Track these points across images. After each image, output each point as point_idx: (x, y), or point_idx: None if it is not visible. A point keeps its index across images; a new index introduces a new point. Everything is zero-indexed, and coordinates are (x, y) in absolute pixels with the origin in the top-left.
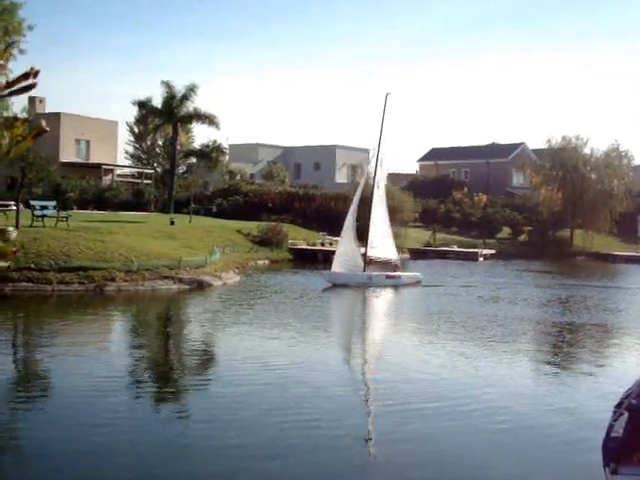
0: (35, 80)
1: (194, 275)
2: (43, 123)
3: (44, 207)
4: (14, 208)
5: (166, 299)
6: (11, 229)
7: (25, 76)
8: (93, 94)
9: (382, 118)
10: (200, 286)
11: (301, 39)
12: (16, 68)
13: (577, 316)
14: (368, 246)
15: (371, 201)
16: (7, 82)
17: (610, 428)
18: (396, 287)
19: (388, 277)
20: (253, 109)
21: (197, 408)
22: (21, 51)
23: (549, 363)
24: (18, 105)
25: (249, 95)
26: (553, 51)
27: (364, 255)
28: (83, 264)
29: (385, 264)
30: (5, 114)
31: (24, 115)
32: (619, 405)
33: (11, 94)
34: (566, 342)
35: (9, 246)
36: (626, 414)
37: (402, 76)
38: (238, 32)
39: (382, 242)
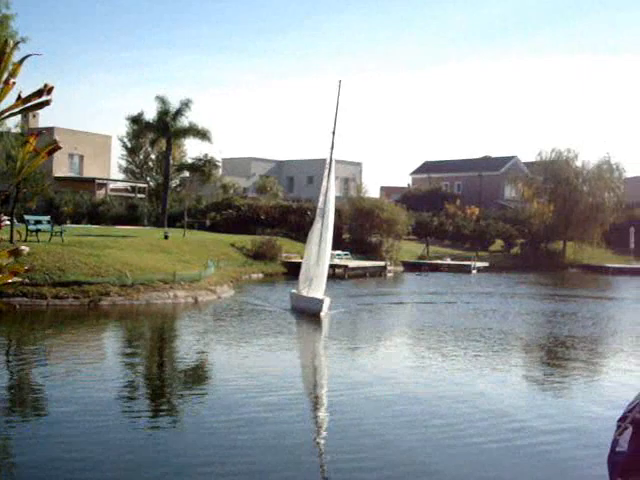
0: (49, 97)
1: (189, 289)
2: (57, 139)
3: (38, 222)
4: (8, 223)
5: (161, 314)
6: (24, 248)
7: (39, 93)
8: (86, 108)
9: (336, 107)
10: (195, 300)
11: (294, 51)
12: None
13: (571, 328)
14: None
15: (315, 214)
16: (21, 98)
17: (614, 443)
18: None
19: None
20: (246, 123)
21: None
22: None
23: (541, 375)
24: (11, 119)
25: (243, 108)
26: (545, 64)
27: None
28: (78, 279)
29: None
30: None
31: (17, 129)
32: (623, 419)
33: (24, 110)
34: (560, 354)
35: (22, 264)
36: (630, 428)
37: (396, 90)
38: (232, 44)
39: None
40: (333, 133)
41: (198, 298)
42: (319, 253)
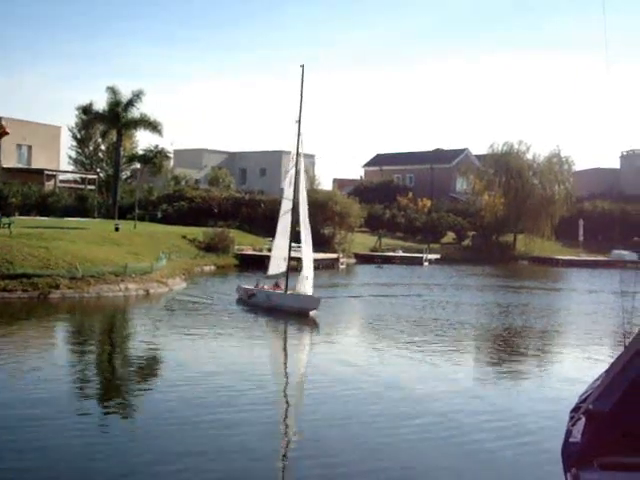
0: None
1: (140, 282)
2: (4, 123)
3: None
4: None
5: (111, 306)
6: None
7: None
8: (40, 100)
9: (300, 93)
10: (146, 293)
11: (247, 44)
12: None
13: (520, 319)
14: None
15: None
16: None
17: (568, 434)
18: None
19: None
20: (198, 114)
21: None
22: None
23: (493, 365)
24: None
25: (195, 100)
26: (496, 57)
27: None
28: (27, 271)
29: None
30: None
31: None
32: (576, 409)
33: None
34: (512, 344)
35: None
36: (583, 419)
37: (349, 82)
38: (186, 37)
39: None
40: (298, 121)
41: (150, 290)
42: (303, 248)
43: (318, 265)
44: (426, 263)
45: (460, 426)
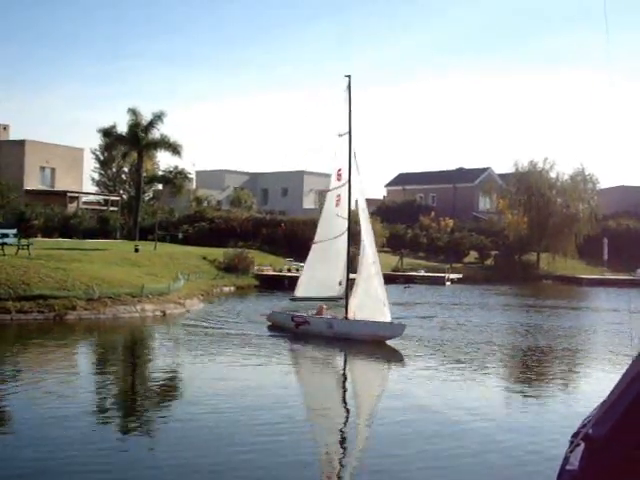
0: None
1: (157, 303)
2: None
3: (4, 235)
4: None
5: (127, 327)
6: None
7: None
8: (59, 121)
9: (349, 104)
10: (163, 314)
11: (267, 64)
12: None
13: (543, 339)
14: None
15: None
16: None
17: (565, 460)
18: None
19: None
20: (221, 135)
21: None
22: None
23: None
24: None
25: (218, 121)
26: (520, 75)
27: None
28: (43, 292)
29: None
30: None
31: None
32: (576, 435)
33: None
34: (534, 365)
35: None
36: (582, 445)
37: (369, 101)
38: (205, 58)
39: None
40: (349, 133)
41: (166, 311)
42: (370, 271)
43: None
44: (448, 283)
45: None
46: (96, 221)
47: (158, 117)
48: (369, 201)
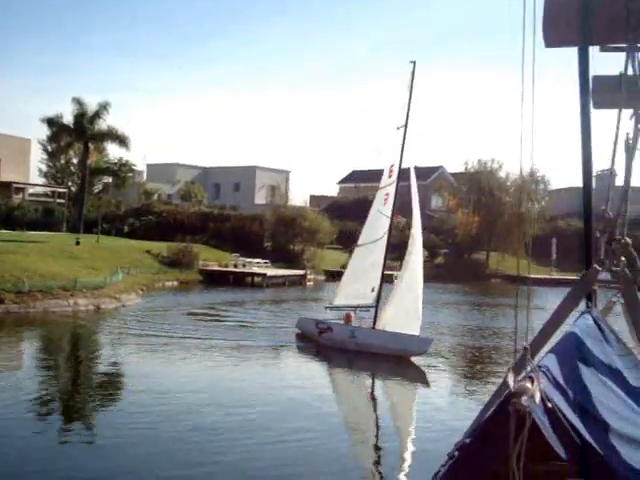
0: None
1: (91, 297)
2: None
3: None
4: None
5: (57, 322)
6: None
7: None
8: (8, 111)
9: (410, 90)
10: (97, 308)
11: (219, 58)
12: None
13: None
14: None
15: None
16: None
17: (435, 476)
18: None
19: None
20: (173, 129)
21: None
22: None
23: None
24: None
25: (170, 115)
26: (472, 72)
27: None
28: None
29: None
30: None
31: None
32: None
33: None
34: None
35: None
36: (457, 454)
37: (324, 98)
38: (162, 52)
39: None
40: (405, 126)
41: (101, 306)
42: (416, 279)
43: (284, 282)
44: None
45: None
46: (41, 213)
47: (104, 107)
48: (323, 198)
